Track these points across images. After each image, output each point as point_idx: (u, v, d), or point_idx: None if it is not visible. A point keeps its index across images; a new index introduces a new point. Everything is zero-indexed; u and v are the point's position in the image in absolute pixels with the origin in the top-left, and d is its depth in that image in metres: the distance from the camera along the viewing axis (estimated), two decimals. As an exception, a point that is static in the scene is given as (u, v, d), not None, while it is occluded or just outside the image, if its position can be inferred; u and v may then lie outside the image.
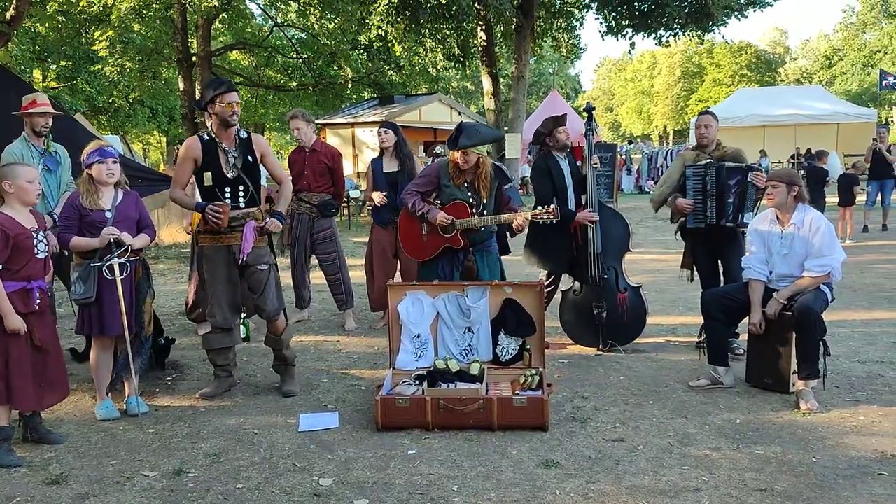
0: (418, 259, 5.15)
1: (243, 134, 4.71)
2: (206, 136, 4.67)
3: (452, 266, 5.06)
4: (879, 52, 51.40)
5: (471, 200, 4.96)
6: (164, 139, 39.38)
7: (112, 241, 4.34)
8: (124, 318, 4.35)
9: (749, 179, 5.17)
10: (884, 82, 29.08)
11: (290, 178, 4.93)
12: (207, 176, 4.63)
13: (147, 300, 4.65)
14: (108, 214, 4.40)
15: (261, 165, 4.83)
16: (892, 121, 49.11)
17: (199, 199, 4.72)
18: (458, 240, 4.97)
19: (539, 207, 4.94)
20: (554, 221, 4.91)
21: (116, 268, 4.33)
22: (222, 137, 4.64)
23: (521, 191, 15.51)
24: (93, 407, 4.58)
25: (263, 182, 5.74)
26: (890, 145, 12.72)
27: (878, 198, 12.39)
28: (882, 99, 44.53)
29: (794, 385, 4.53)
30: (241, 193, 4.66)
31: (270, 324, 4.88)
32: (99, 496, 3.45)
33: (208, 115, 4.64)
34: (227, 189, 4.64)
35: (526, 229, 5.22)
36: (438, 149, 11.54)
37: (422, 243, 5.09)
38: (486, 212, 4.97)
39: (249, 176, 4.67)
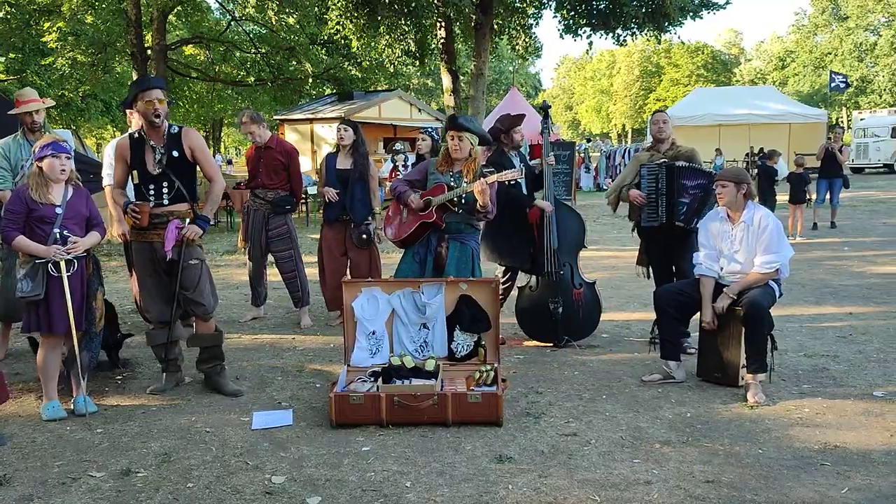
0: (398, 238, 5.11)
1: (174, 129, 4.64)
2: (135, 135, 4.65)
3: (427, 250, 5.05)
4: (830, 54, 52.70)
5: (452, 184, 4.96)
6: (118, 134, 38.56)
7: (58, 236, 4.25)
8: (71, 316, 4.26)
9: (714, 188, 4.99)
10: (833, 84, 29.80)
11: (221, 176, 4.85)
12: (135, 174, 4.62)
13: (98, 296, 4.57)
14: (59, 210, 4.30)
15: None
16: (842, 121, 50.42)
17: (131, 198, 4.69)
18: (431, 214, 4.94)
19: (504, 171, 4.96)
20: (519, 181, 4.93)
21: (63, 265, 4.24)
22: (150, 135, 4.60)
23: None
24: (38, 407, 4.47)
25: None
26: (842, 145, 13.03)
27: (828, 196, 12.70)
28: (832, 100, 45.67)
29: (742, 379, 4.62)
30: (164, 190, 4.58)
31: (202, 323, 4.80)
32: (43, 498, 3.38)
33: (137, 114, 4.63)
34: (152, 186, 4.59)
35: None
36: (398, 145, 11.50)
37: (402, 224, 5.11)
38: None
39: (176, 172, 4.59)
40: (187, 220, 4.62)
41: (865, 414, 4.21)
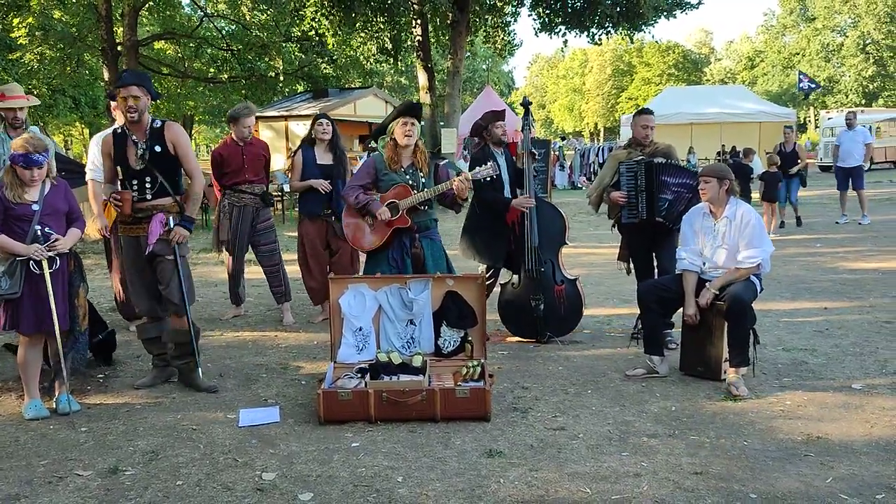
0: (371, 249, 5.07)
1: (157, 123, 4.61)
2: (118, 130, 4.65)
3: (402, 252, 5.01)
4: (798, 54, 53.48)
5: (410, 182, 4.95)
6: (87, 131, 37.95)
7: (39, 233, 4.19)
8: (54, 314, 4.19)
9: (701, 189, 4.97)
10: (801, 84, 30.28)
11: (201, 172, 4.81)
12: (119, 170, 4.61)
13: (81, 294, 4.50)
14: (35, 207, 4.22)
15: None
16: (810, 121, 51.25)
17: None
18: (404, 219, 4.93)
19: (477, 168, 5.00)
20: (493, 178, 5.03)
21: (45, 263, 4.17)
22: (133, 129, 4.58)
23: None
24: (20, 406, 4.41)
25: None
26: (795, 143, 13.21)
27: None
28: (800, 99, 46.35)
29: (725, 372, 4.69)
30: (147, 185, 4.57)
31: (175, 318, 4.77)
32: (30, 497, 3.33)
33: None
34: (135, 181, 4.58)
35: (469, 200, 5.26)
36: (373, 143, 11.46)
37: (372, 233, 5.04)
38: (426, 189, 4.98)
39: (159, 166, 4.56)
40: (172, 216, 4.60)
41: (845, 406, 4.29)
